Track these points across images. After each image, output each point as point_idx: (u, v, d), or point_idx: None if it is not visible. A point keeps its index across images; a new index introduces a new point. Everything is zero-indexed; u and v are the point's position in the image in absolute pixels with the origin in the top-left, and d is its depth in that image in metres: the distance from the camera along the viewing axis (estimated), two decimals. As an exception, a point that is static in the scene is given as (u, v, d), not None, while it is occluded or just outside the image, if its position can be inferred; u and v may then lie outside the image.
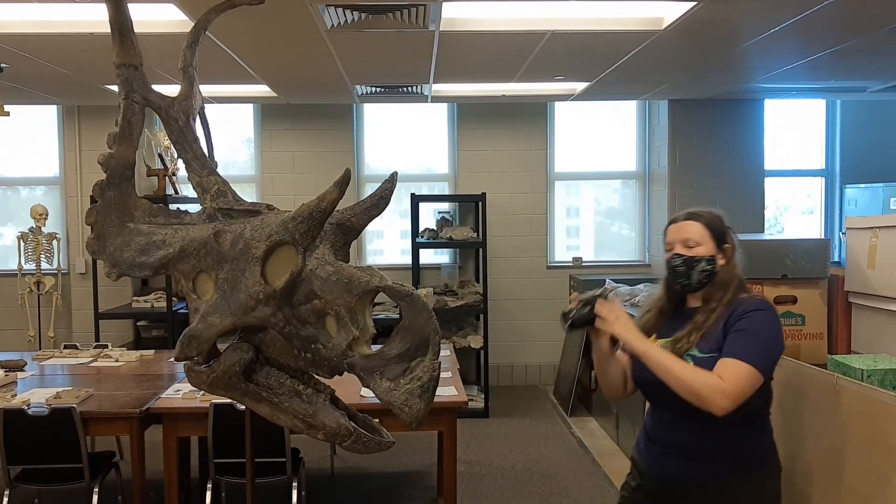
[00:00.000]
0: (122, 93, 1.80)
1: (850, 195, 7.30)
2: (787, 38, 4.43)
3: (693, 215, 2.27)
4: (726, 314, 2.16)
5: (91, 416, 3.64)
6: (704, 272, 2.21)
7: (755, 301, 2.19)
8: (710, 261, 2.21)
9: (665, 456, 2.26)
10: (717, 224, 2.25)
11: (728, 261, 2.23)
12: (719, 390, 2.00)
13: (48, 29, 4.22)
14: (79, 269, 7.18)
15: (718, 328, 2.15)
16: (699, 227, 2.24)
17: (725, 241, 2.25)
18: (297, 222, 1.58)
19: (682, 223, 2.28)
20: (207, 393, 1.82)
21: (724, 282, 2.21)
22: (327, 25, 4.04)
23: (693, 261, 2.21)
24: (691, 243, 2.23)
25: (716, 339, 2.13)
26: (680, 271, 2.24)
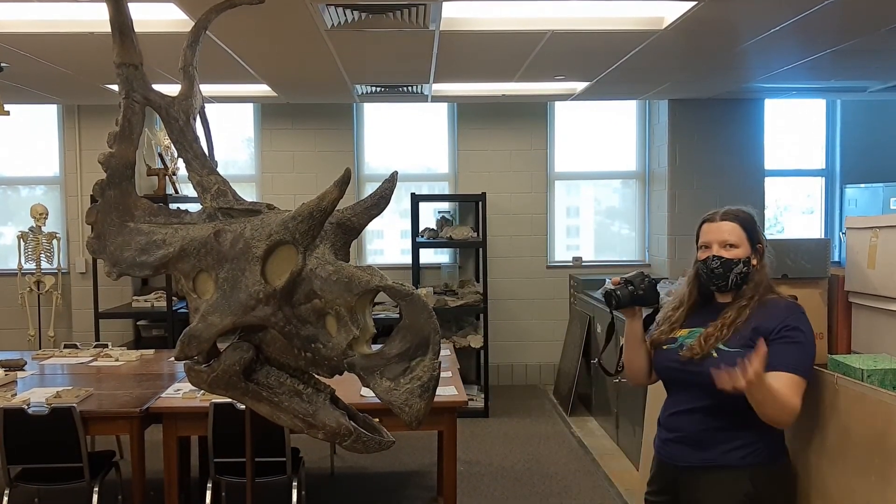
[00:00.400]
0: (123, 92, 1.81)
1: (851, 195, 7.30)
2: (787, 37, 4.43)
3: (730, 215, 2.29)
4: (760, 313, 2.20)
5: (91, 415, 3.64)
6: (740, 274, 2.24)
7: (792, 306, 2.23)
8: (746, 262, 2.25)
9: (670, 441, 2.32)
10: (751, 224, 2.29)
11: (759, 260, 2.27)
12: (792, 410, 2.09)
13: (48, 28, 4.22)
14: (79, 269, 7.18)
15: (749, 326, 2.18)
16: (737, 228, 2.27)
17: (759, 241, 2.28)
18: (297, 222, 1.58)
19: (719, 223, 2.29)
20: (207, 392, 1.82)
21: (756, 281, 2.25)
22: (327, 25, 4.04)
23: (731, 263, 2.24)
24: (730, 244, 2.25)
25: (743, 337, 2.17)
26: (718, 273, 2.26)
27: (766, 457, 2.23)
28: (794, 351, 2.13)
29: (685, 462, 2.29)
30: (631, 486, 4.69)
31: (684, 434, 2.28)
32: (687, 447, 2.28)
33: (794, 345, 2.14)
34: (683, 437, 2.29)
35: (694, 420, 2.25)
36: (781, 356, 2.11)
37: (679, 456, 2.30)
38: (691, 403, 2.24)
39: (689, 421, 2.27)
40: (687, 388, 2.20)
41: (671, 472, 2.34)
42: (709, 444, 2.23)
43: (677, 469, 2.31)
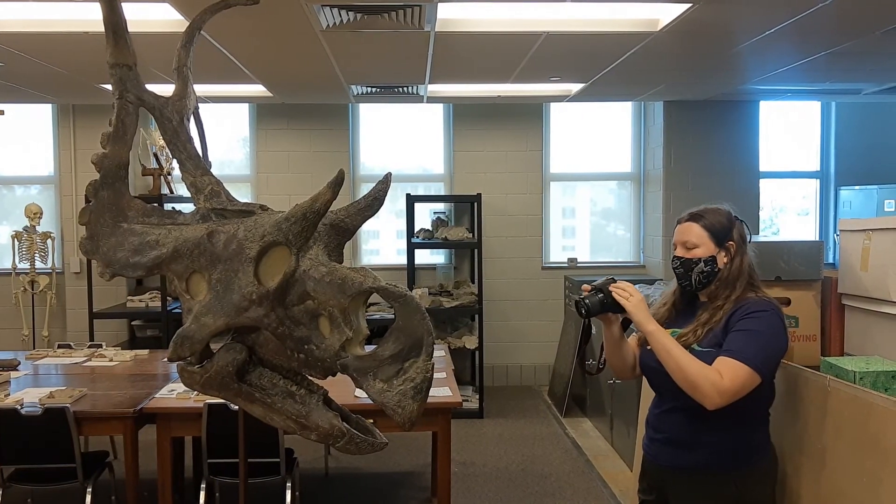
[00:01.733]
0: (116, 92, 1.80)
1: (845, 197, 7.31)
2: (782, 39, 4.44)
3: (694, 216, 2.31)
4: (731, 311, 2.19)
5: (85, 415, 3.64)
6: (702, 273, 2.25)
7: (761, 301, 2.20)
8: (709, 262, 2.24)
9: (663, 444, 2.32)
10: (718, 224, 2.27)
11: (731, 259, 2.25)
12: (716, 386, 2.05)
13: (43, 28, 4.21)
14: (73, 269, 7.16)
15: (721, 325, 2.19)
16: (697, 228, 2.27)
17: (729, 239, 2.26)
18: (290, 223, 1.58)
19: (684, 224, 2.32)
20: (201, 393, 1.82)
21: (728, 279, 2.24)
22: (323, 25, 4.04)
23: (690, 263, 2.26)
24: (690, 245, 2.27)
25: (717, 336, 2.17)
26: (679, 273, 2.30)
27: (751, 459, 2.23)
28: (742, 338, 2.12)
29: (670, 463, 2.30)
30: (625, 486, 4.70)
31: (670, 435, 2.29)
32: (672, 448, 2.29)
33: (744, 332, 2.13)
34: (669, 438, 2.30)
35: (679, 421, 2.26)
36: (730, 342, 2.13)
37: (665, 456, 2.31)
38: (674, 403, 2.25)
39: (674, 422, 2.28)
40: (669, 389, 2.19)
41: (657, 472, 2.36)
42: (694, 447, 2.24)
43: (663, 469, 2.33)
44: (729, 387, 2.05)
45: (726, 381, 2.05)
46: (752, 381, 2.07)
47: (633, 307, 2.21)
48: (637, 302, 2.22)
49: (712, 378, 2.05)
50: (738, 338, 2.12)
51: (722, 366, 2.07)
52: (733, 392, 2.05)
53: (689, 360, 2.10)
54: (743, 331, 2.13)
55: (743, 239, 2.29)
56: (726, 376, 2.05)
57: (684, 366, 2.09)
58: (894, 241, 2.74)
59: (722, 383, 2.05)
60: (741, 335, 2.12)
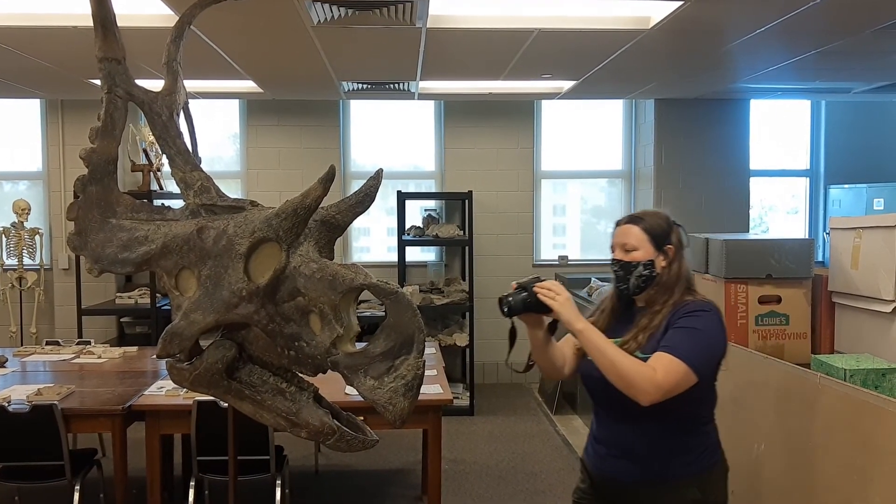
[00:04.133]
0: (105, 87, 1.78)
1: (835, 195, 7.35)
2: (772, 38, 4.45)
3: (633, 218, 2.27)
4: (670, 315, 2.15)
5: (73, 413, 3.61)
6: (641, 277, 2.20)
7: (700, 302, 2.18)
8: (648, 265, 2.20)
9: (610, 457, 2.25)
10: (657, 227, 2.23)
11: (670, 263, 2.21)
12: (651, 380, 2.00)
13: (31, 22, 4.18)
14: (62, 265, 7.12)
15: (661, 330, 2.14)
16: (637, 230, 2.23)
17: (668, 243, 2.23)
18: (280, 219, 1.57)
19: (623, 226, 2.27)
20: (190, 390, 1.81)
21: (666, 284, 2.20)
22: (314, 21, 4.02)
23: (630, 266, 2.21)
24: (629, 248, 2.22)
25: (657, 340, 2.12)
26: (619, 276, 2.24)
27: (710, 461, 2.20)
28: (680, 334, 2.08)
29: (630, 478, 2.20)
30: (615, 484, 4.70)
31: (626, 449, 2.21)
32: (631, 462, 2.20)
33: (682, 329, 2.09)
34: (626, 452, 2.21)
35: (634, 433, 2.18)
36: (667, 339, 2.09)
37: (623, 472, 2.22)
38: (626, 415, 2.15)
39: (628, 435, 2.19)
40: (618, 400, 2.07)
41: (613, 487, 2.26)
42: (654, 458, 2.17)
43: (621, 484, 2.24)
44: (663, 381, 2.00)
45: (660, 375, 2.00)
46: (687, 379, 2.03)
47: (560, 306, 2.12)
48: (563, 301, 2.13)
49: (646, 373, 2.01)
50: (676, 335, 2.09)
51: (657, 361, 2.03)
52: (668, 388, 2.00)
53: (622, 356, 2.05)
54: (681, 328, 2.10)
55: (681, 243, 2.25)
56: (660, 371, 2.01)
57: (617, 362, 2.03)
58: (885, 240, 2.75)
59: (656, 378, 2.00)
60: (679, 332, 2.09)
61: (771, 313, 3.08)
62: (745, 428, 2.74)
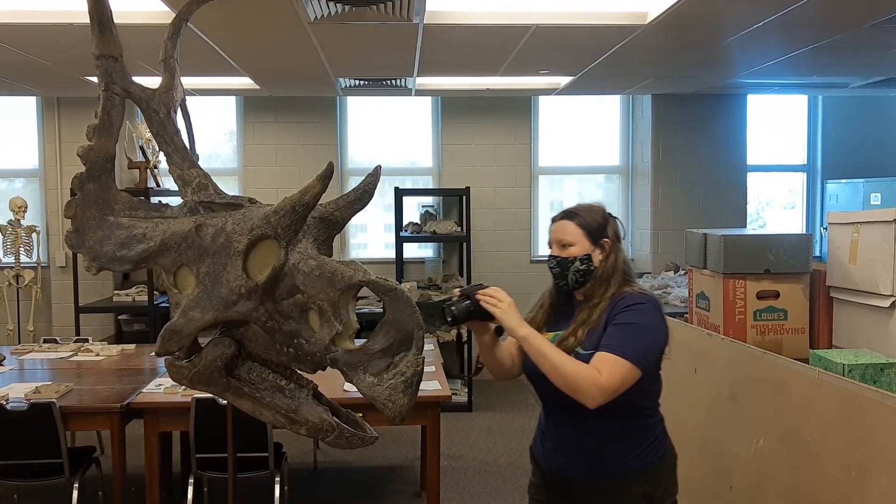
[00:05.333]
0: (102, 84, 1.78)
1: (832, 190, 7.35)
2: (770, 33, 4.45)
3: (569, 214, 2.26)
4: (608, 309, 2.16)
5: (71, 410, 3.61)
6: (579, 271, 2.21)
7: (638, 295, 2.18)
8: (584, 260, 2.20)
9: (559, 454, 2.25)
10: (593, 221, 2.24)
11: (607, 256, 2.22)
12: (595, 383, 1.99)
13: (27, 19, 4.16)
14: (59, 263, 7.11)
15: (601, 323, 2.14)
16: (572, 226, 2.23)
17: (604, 236, 2.23)
18: (279, 216, 1.57)
19: (559, 222, 2.27)
20: (189, 388, 1.81)
21: (603, 277, 2.20)
22: (310, 17, 4.01)
23: (567, 262, 2.22)
24: (565, 243, 2.23)
25: (598, 335, 2.12)
26: (556, 272, 2.25)
27: (657, 454, 2.21)
28: (620, 331, 2.08)
29: (580, 474, 2.22)
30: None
31: (574, 447, 2.21)
32: (579, 459, 2.21)
33: (621, 326, 2.09)
34: (574, 449, 2.21)
35: (581, 431, 2.17)
36: (608, 337, 2.09)
37: (573, 468, 2.23)
38: (572, 413, 2.11)
39: (576, 432, 2.19)
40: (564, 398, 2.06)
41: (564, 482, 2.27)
42: (602, 454, 2.18)
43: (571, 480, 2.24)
44: (608, 383, 1.99)
45: (605, 377, 2.00)
46: (631, 376, 2.03)
47: (503, 313, 2.12)
48: (506, 307, 2.13)
49: (591, 376, 2.00)
50: (616, 332, 2.08)
51: (600, 362, 2.02)
52: (613, 388, 2.00)
53: (565, 360, 2.04)
54: (620, 324, 2.10)
55: (617, 236, 2.26)
56: (605, 372, 2.00)
57: (560, 367, 2.02)
58: (883, 235, 2.75)
59: (601, 380, 1.99)
60: (618, 329, 2.09)
61: (769, 308, 3.08)
62: (743, 423, 2.74)
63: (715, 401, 2.97)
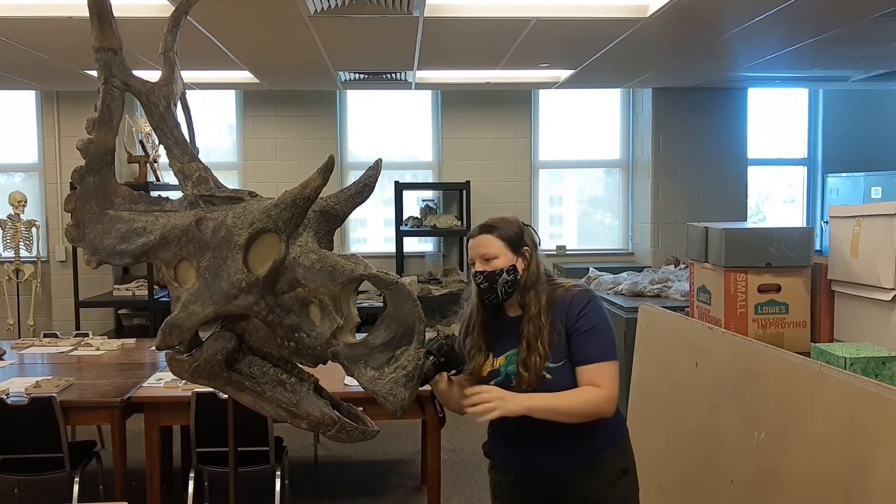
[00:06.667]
0: (102, 78, 1.77)
1: (832, 184, 7.34)
2: (770, 26, 4.44)
3: (487, 228, 2.27)
4: (556, 316, 2.19)
5: (71, 405, 3.61)
6: (507, 283, 2.21)
7: (579, 293, 2.24)
8: (511, 270, 2.22)
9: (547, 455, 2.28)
10: (511, 232, 2.26)
11: (528, 264, 2.25)
12: (604, 399, 2.11)
13: (25, 12, 4.15)
14: (58, 257, 7.10)
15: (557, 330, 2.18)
16: (493, 239, 2.24)
17: (524, 245, 2.26)
18: (279, 209, 1.56)
19: (477, 238, 2.27)
20: (190, 382, 1.80)
21: (530, 284, 2.23)
22: (310, 11, 4.00)
23: (494, 275, 2.21)
24: (489, 257, 2.22)
25: (560, 345, 2.17)
26: (484, 288, 2.23)
27: (622, 429, 2.33)
28: (590, 339, 2.15)
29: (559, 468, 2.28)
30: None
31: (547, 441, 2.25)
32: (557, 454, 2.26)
33: (585, 334, 2.16)
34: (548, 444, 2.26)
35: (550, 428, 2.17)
36: (583, 350, 2.15)
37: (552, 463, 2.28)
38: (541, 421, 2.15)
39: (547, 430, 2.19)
40: None
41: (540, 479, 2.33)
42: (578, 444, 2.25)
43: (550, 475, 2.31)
44: (613, 391, 2.13)
45: (606, 388, 2.11)
46: (617, 370, 2.17)
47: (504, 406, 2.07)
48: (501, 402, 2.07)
49: (597, 395, 2.11)
50: (587, 341, 2.16)
51: (593, 377, 2.13)
52: (616, 391, 2.14)
53: (571, 399, 2.12)
54: (584, 332, 2.17)
55: (534, 243, 2.30)
56: (603, 383, 2.11)
57: (572, 407, 2.12)
58: (884, 228, 2.74)
59: (605, 392, 2.11)
60: (585, 337, 2.16)
61: (770, 302, 3.08)
62: (744, 417, 2.74)
63: (716, 394, 2.97)
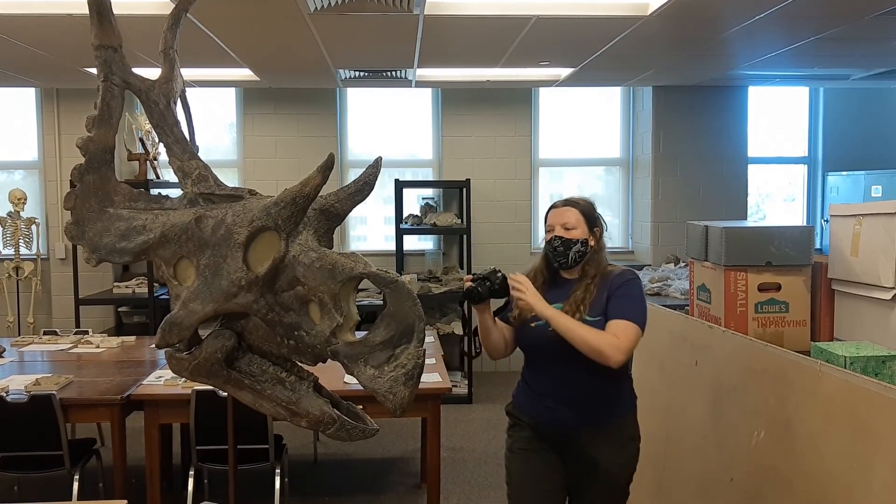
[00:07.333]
0: (101, 75, 1.77)
1: (832, 183, 7.34)
2: (771, 24, 4.44)
3: (570, 202, 2.64)
4: (604, 285, 2.55)
5: (71, 402, 3.61)
6: (579, 252, 2.57)
7: (627, 272, 2.61)
8: (584, 243, 2.58)
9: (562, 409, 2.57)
10: (590, 211, 2.64)
11: (597, 242, 2.62)
12: (616, 347, 2.40)
13: (25, 9, 4.15)
14: (58, 255, 7.10)
15: (602, 296, 2.52)
16: (576, 213, 2.60)
17: (596, 226, 2.63)
18: (279, 208, 1.56)
19: (561, 209, 2.63)
20: (189, 380, 1.80)
21: (595, 260, 2.60)
22: (311, 8, 4.00)
23: (571, 242, 2.57)
24: (569, 226, 2.58)
25: (600, 305, 2.51)
26: (559, 251, 2.58)
27: (633, 403, 2.67)
28: (625, 303, 2.49)
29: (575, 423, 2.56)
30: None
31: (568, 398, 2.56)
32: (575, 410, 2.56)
33: (624, 298, 2.50)
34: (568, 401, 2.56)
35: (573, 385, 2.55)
36: (616, 309, 2.49)
37: (569, 419, 2.57)
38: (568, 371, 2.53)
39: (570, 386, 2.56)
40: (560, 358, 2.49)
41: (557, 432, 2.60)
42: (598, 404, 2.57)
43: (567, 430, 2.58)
44: (626, 345, 2.41)
45: (623, 340, 2.41)
46: (638, 335, 2.46)
47: (532, 297, 2.46)
48: (532, 294, 2.48)
49: (612, 341, 2.40)
50: (620, 303, 2.49)
51: (616, 329, 2.43)
52: (629, 348, 2.43)
53: (589, 331, 2.42)
54: (622, 297, 2.51)
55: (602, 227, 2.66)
56: (622, 336, 2.41)
57: (588, 338, 2.40)
58: (885, 227, 2.74)
59: (620, 343, 2.40)
60: (621, 301, 2.50)
61: (770, 301, 3.07)
62: (744, 415, 2.74)
63: (716, 393, 2.97)
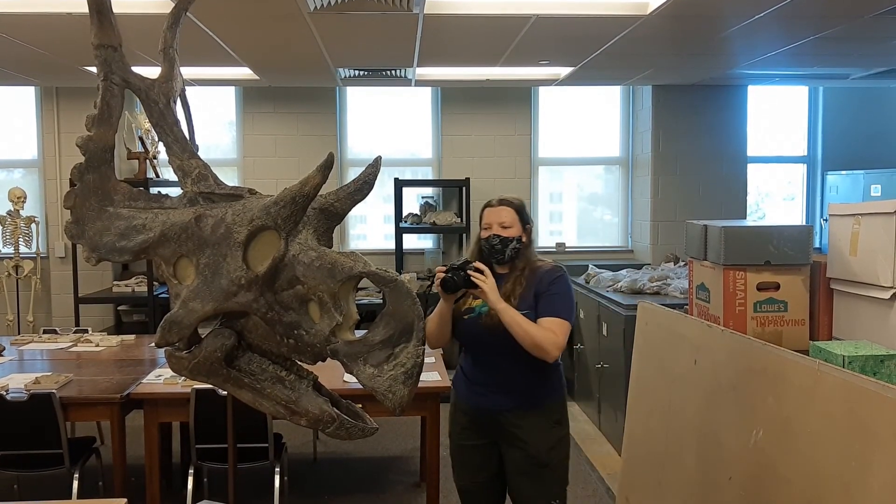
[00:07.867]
0: (101, 74, 1.77)
1: (832, 182, 7.34)
2: (771, 23, 4.44)
3: (505, 202, 2.82)
4: (532, 279, 2.74)
5: (71, 401, 3.61)
6: (514, 249, 2.77)
7: (555, 268, 2.80)
8: (519, 240, 2.78)
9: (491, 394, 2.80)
10: (522, 209, 2.82)
11: (528, 238, 2.82)
12: (554, 342, 2.63)
13: (25, 8, 4.15)
14: (58, 253, 7.10)
15: (530, 292, 2.72)
16: (511, 211, 2.78)
17: (527, 223, 2.82)
18: (279, 207, 1.56)
19: (497, 208, 2.80)
20: (189, 379, 1.81)
21: (526, 256, 2.80)
22: (310, 7, 4.00)
23: (508, 240, 2.76)
24: (506, 225, 2.76)
25: (527, 300, 2.71)
26: (497, 248, 2.76)
27: (561, 392, 2.88)
28: (556, 301, 2.70)
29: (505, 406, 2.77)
30: (613, 470, 4.72)
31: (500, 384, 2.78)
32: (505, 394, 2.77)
33: (554, 296, 2.71)
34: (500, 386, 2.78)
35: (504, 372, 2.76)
36: (547, 306, 2.70)
37: (500, 402, 2.78)
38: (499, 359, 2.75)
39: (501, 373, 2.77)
40: (493, 348, 2.74)
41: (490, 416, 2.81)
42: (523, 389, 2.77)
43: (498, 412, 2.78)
44: (561, 340, 2.65)
45: (559, 336, 2.65)
46: (568, 331, 2.69)
47: (489, 289, 2.63)
48: (492, 284, 2.64)
49: (550, 337, 2.62)
50: (553, 301, 2.70)
51: (551, 325, 2.65)
52: (563, 343, 2.67)
53: (533, 326, 2.63)
54: (553, 294, 2.71)
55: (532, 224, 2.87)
56: (558, 332, 2.65)
57: (531, 332, 2.61)
58: (884, 226, 2.74)
59: (557, 339, 2.64)
60: (553, 298, 2.71)
61: (769, 300, 3.07)
62: (742, 414, 2.74)
63: (714, 392, 2.97)
